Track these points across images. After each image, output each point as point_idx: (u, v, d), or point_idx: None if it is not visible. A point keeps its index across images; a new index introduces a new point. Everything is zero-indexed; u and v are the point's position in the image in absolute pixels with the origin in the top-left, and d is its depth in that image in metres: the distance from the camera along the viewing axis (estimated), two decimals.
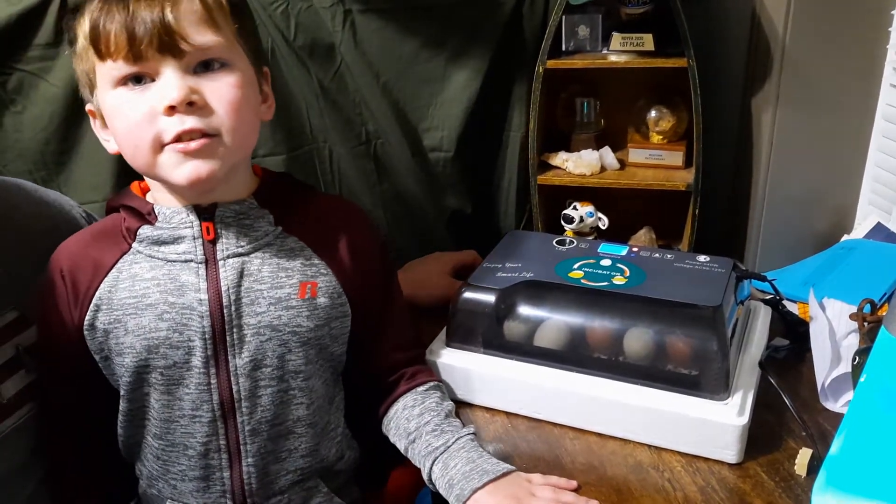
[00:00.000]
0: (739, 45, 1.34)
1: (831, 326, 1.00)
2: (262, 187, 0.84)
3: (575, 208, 1.35)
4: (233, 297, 0.79)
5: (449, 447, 0.83)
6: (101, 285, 0.80)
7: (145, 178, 0.83)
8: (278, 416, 0.82)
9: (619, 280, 0.93)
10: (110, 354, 0.81)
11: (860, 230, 1.31)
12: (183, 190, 0.78)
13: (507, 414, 0.93)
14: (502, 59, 1.34)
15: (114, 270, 0.81)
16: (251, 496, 0.82)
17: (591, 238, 1.34)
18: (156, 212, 0.81)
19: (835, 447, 0.71)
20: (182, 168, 0.75)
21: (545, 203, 1.40)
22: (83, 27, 0.75)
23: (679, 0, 1.21)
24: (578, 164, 1.36)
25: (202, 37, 0.74)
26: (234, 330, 0.79)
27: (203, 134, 0.74)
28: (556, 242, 1.05)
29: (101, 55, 0.74)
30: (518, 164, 1.42)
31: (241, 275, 0.80)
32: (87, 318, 0.80)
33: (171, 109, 0.73)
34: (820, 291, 1.08)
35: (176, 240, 0.80)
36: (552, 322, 0.93)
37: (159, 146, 0.74)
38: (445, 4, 1.29)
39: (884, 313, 1.00)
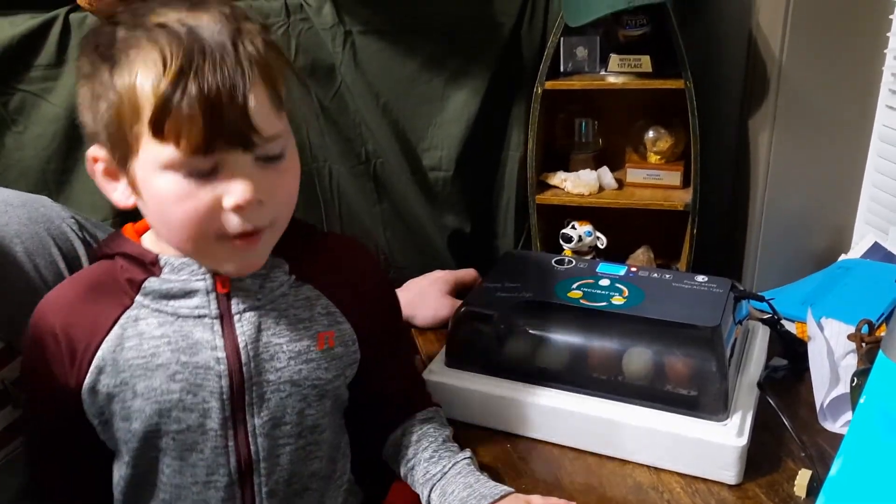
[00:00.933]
0: (736, 66, 1.35)
1: (829, 347, 1.00)
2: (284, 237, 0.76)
3: (573, 228, 1.35)
4: (252, 354, 0.73)
5: (446, 473, 0.81)
6: (103, 345, 0.72)
7: (152, 224, 0.74)
8: (295, 473, 0.77)
9: (617, 300, 0.93)
10: (112, 419, 0.73)
11: (857, 250, 1.32)
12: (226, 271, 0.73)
13: (507, 434, 0.93)
14: (501, 80, 1.35)
15: (116, 328, 0.72)
16: None
17: (589, 257, 1.34)
18: (161, 262, 0.73)
19: (834, 469, 0.71)
20: (234, 260, 0.70)
21: (544, 222, 1.41)
22: (129, 89, 0.63)
23: (676, 22, 1.22)
24: (577, 183, 1.36)
25: (272, 127, 0.66)
26: (254, 388, 0.73)
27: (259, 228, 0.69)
28: (555, 262, 1.05)
29: (163, 138, 0.63)
30: (517, 184, 1.43)
31: (258, 329, 0.74)
32: (86, 381, 0.72)
33: (239, 208, 0.66)
34: (818, 311, 1.08)
35: (187, 293, 0.72)
36: (551, 342, 0.93)
37: (215, 238, 0.68)
38: (445, 26, 1.30)
39: (882, 334, 1.01)
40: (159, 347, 0.72)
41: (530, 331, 0.94)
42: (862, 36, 1.25)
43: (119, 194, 0.70)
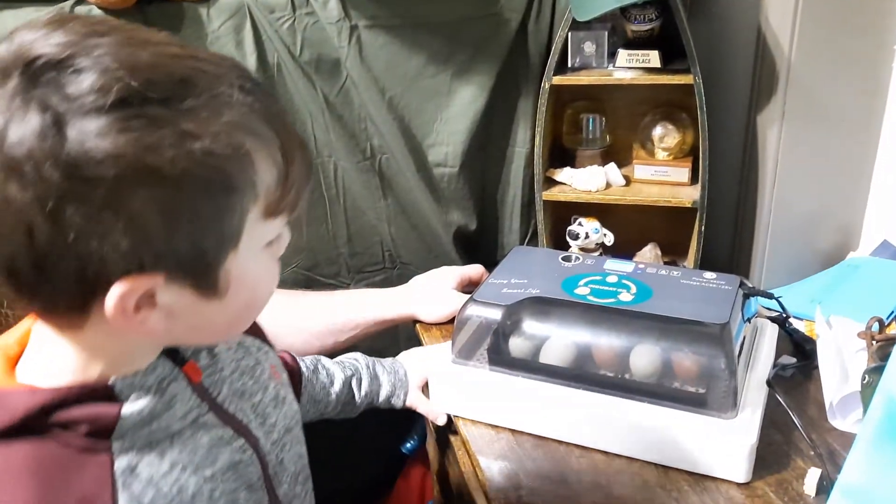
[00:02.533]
0: (745, 62, 1.34)
1: (839, 344, 0.99)
2: None
3: (580, 224, 1.34)
4: (254, 422, 0.65)
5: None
6: None
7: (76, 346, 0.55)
8: None
9: (625, 297, 0.93)
10: None
11: (866, 247, 1.31)
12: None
13: (513, 431, 0.92)
14: (508, 75, 1.35)
15: (121, 493, 0.54)
16: None
17: (596, 254, 1.33)
18: (114, 386, 0.55)
19: (845, 467, 0.70)
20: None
21: (550, 219, 1.40)
22: (261, 171, 0.52)
23: (685, 17, 1.21)
24: (584, 180, 1.35)
25: None
26: (270, 458, 0.66)
27: None
28: (562, 258, 1.04)
29: (277, 214, 0.56)
30: (523, 180, 1.42)
31: (239, 398, 0.65)
32: None
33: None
34: (827, 309, 1.08)
35: (169, 404, 0.58)
36: (558, 339, 0.92)
37: None
38: (451, 20, 1.29)
39: (892, 331, 1.00)
40: (179, 479, 0.58)
41: (537, 327, 0.93)
42: (872, 32, 1.24)
43: (155, 321, 0.53)
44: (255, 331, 0.73)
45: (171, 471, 0.57)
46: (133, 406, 0.55)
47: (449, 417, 0.97)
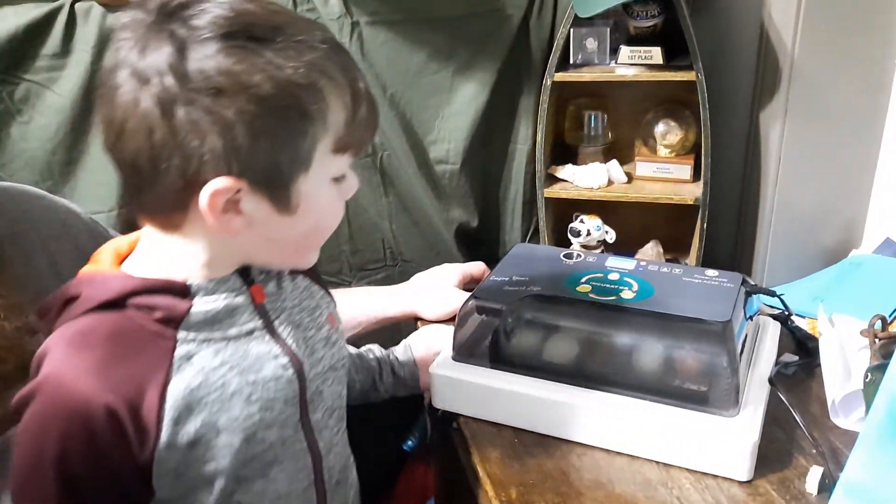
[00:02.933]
0: (748, 58, 1.33)
1: (841, 342, 0.99)
2: None
3: (582, 221, 1.34)
4: (301, 352, 0.73)
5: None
6: (169, 395, 0.65)
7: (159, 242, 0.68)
8: (344, 457, 0.82)
9: (627, 294, 0.92)
10: (191, 470, 0.67)
11: (869, 245, 1.31)
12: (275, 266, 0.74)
13: (514, 429, 0.92)
14: (510, 72, 1.34)
15: (175, 373, 0.65)
16: None
17: (598, 251, 1.33)
18: (193, 289, 0.67)
19: (848, 465, 0.70)
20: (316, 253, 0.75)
21: (552, 216, 1.40)
22: (332, 108, 0.64)
23: (688, 14, 1.20)
24: (586, 177, 1.35)
25: None
26: (311, 383, 0.74)
27: None
28: (564, 256, 1.04)
29: (344, 151, 0.67)
30: (524, 177, 1.42)
31: (295, 327, 0.74)
32: (162, 440, 0.65)
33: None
34: (829, 307, 1.07)
35: (231, 312, 0.69)
36: (560, 337, 0.92)
37: None
38: (453, 17, 1.29)
39: (895, 329, 1.00)
40: (225, 376, 0.68)
41: (538, 325, 0.93)
42: (875, 29, 1.24)
43: (238, 225, 0.64)
44: (320, 283, 0.83)
45: (220, 367, 0.68)
46: (202, 305, 0.67)
47: (450, 415, 0.97)
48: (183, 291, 0.67)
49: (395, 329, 1.28)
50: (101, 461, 0.64)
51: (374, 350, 1.02)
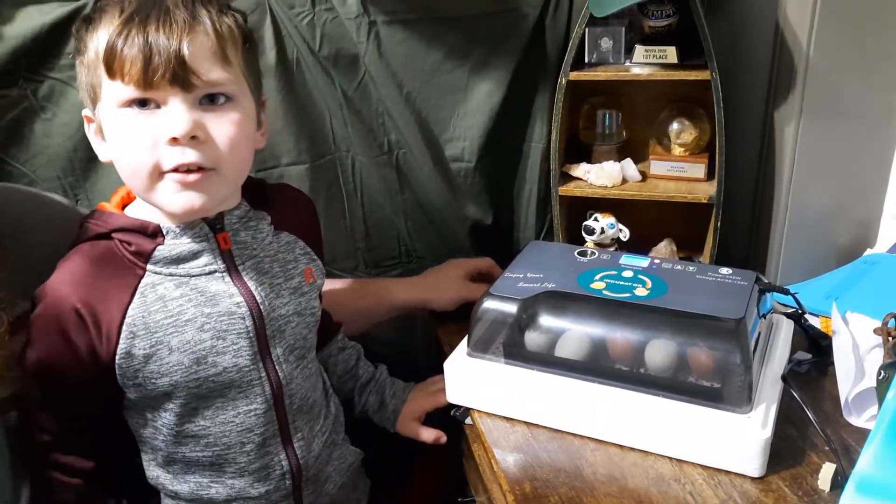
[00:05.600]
0: (763, 57, 1.33)
1: (855, 341, 0.99)
2: (247, 192, 0.89)
3: (596, 219, 1.34)
4: (263, 295, 0.86)
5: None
6: (130, 312, 0.81)
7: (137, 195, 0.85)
8: (307, 390, 0.93)
9: (641, 292, 0.93)
10: (148, 380, 0.82)
11: (883, 244, 1.31)
12: (174, 216, 0.83)
13: (528, 424, 0.93)
14: (525, 71, 1.35)
15: (137, 296, 0.81)
16: (306, 469, 0.92)
17: (611, 249, 1.33)
18: (164, 230, 0.83)
19: (860, 463, 0.70)
20: (177, 197, 0.78)
21: (566, 214, 1.40)
22: (96, 42, 0.77)
23: (703, 13, 1.21)
24: (600, 175, 1.36)
25: (214, 73, 0.77)
26: (271, 323, 0.87)
27: (200, 167, 0.78)
28: (578, 253, 1.05)
29: (112, 75, 0.76)
30: (539, 175, 1.42)
31: (260, 274, 0.87)
32: (120, 348, 0.81)
33: (174, 140, 0.76)
34: (843, 305, 1.08)
35: (195, 254, 0.84)
36: (574, 333, 0.93)
37: (158, 173, 0.78)
38: (469, 16, 1.29)
39: None
40: (182, 306, 0.82)
41: (553, 321, 0.94)
42: (891, 27, 1.23)
43: (104, 153, 0.82)
44: (318, 251, 0.97)
45: (180, 298, 0.82)
46: (168, 246, 0.83)
47: (464, 410, 0.98)
48: (155, 233, 0.82)
49: (412, 325, 1.29)
50: (72, 346, 0.80)
51: (379, 367, 1.13)
